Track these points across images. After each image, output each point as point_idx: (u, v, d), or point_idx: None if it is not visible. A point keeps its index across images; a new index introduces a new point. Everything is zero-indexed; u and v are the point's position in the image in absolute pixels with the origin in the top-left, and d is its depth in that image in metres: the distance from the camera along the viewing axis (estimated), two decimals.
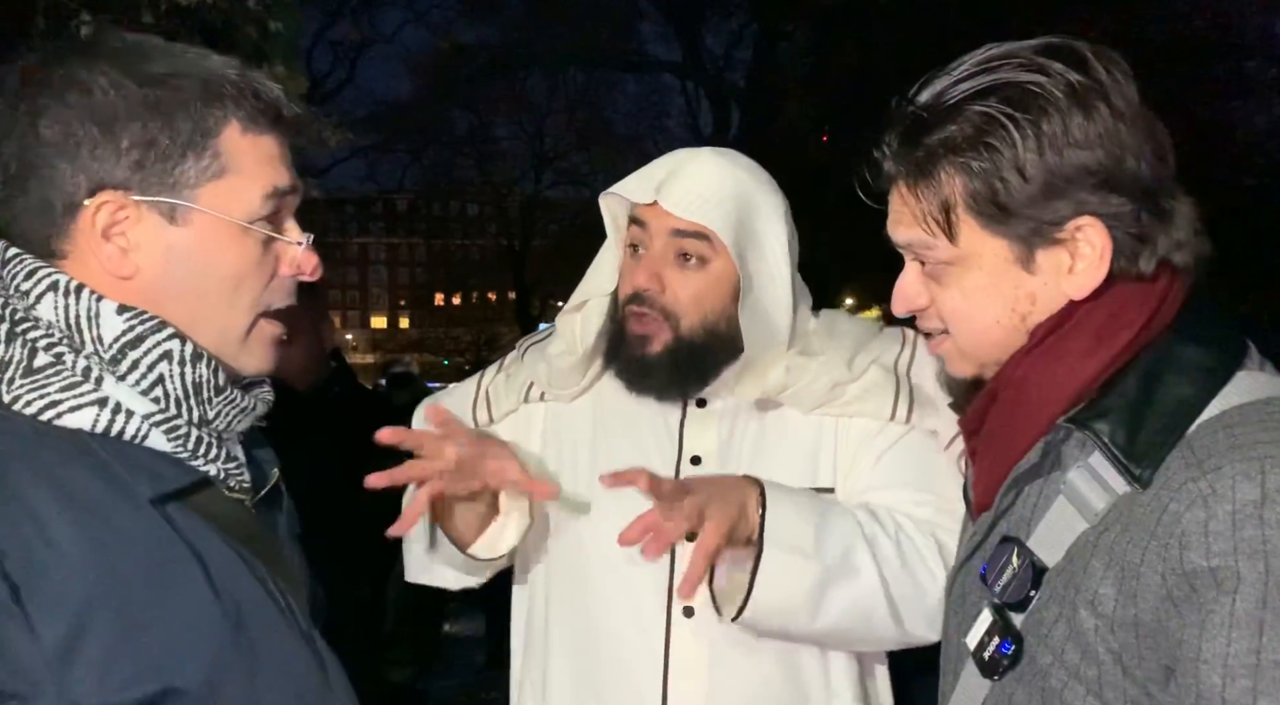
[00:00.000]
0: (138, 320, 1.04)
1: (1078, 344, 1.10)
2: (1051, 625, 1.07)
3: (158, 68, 1.04)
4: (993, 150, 1.08)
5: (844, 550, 1.50)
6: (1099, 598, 1.03)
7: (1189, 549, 0.98)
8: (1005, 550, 1.13)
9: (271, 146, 1.10)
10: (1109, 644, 1.03)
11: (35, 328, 1.02)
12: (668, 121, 21.58)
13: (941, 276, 1.17)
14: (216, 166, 1.06)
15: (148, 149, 1.03)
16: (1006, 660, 1.10)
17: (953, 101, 1.11)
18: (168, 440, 1.05)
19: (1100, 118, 1.07)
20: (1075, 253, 1.10)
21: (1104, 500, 1.06)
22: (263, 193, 1.08)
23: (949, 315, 1.18)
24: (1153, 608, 1.00)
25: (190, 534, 1.03)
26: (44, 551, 0.93)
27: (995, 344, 1.16)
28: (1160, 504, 1.01)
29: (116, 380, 1.03)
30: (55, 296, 1.02)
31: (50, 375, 1.01)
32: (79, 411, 1.01)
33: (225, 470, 1.09)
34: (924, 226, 1.15)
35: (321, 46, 20.27)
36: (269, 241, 1.10)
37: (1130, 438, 1.05)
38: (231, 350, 1.10)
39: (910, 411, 1.63)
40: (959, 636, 1.19)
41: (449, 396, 1.87)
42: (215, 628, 1.02)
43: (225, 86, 1.06)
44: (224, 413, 1.09)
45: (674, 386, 1.65)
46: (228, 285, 1.08)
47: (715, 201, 1.59)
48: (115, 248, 1.04)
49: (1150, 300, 1.10)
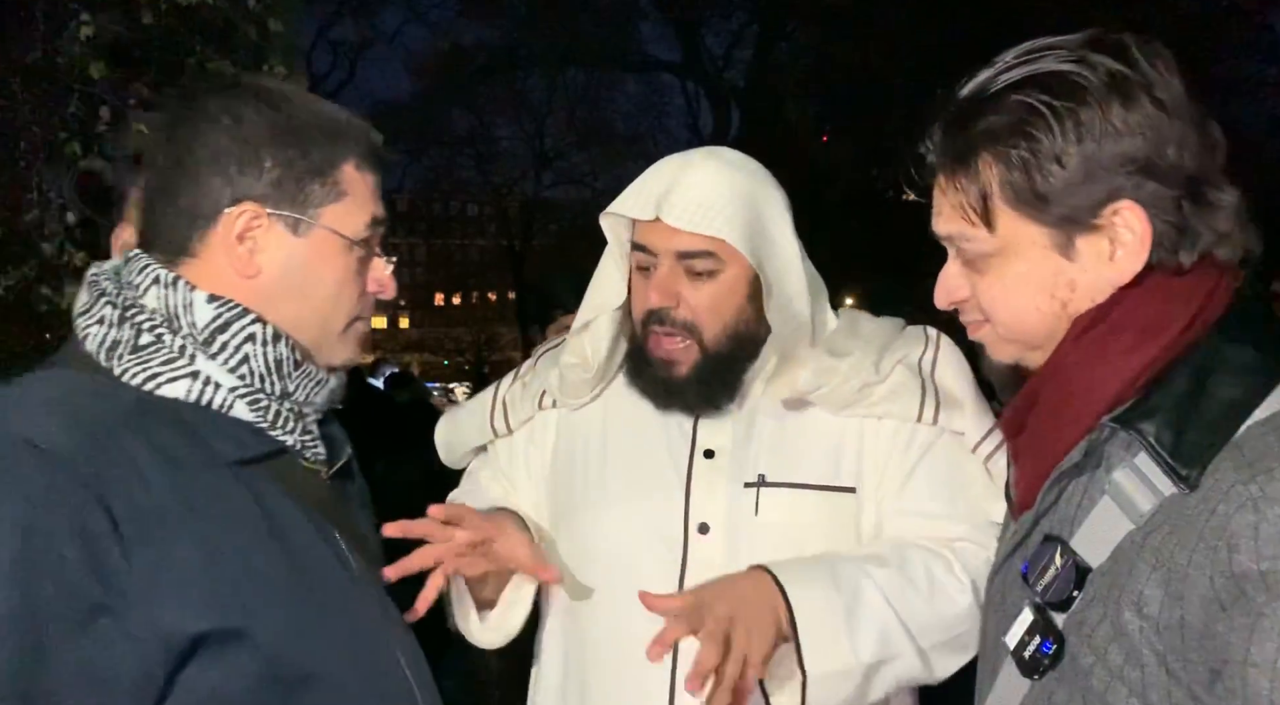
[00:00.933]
0: (225, 308, 1.21)
1: (1121, 341, 1.09)
2: (1095, 626, 1.06)
3: (294, 106, 1.24)
4: (1030, 139, 1.08)
5: (879, 636, 1.49)
6: (1144, 599, 1.02)
7: (1238, 552, 0.96)
8: (1048, 550, 1.12)
9: (374, 183, 1.29)
10: (1154, 646, 1.01)
11: (140, 313, 1.20)
12: (668, 121, 21.60)
13: (982, 267, 1.16)
14: (336, 192, 1.25)
15: (285, 170, 1.22)
16: (1047, 660, 1.09)
17: (992, 92, 1.11)
18: (250, 411, 1.21)
19: (1141, 107, 1.06)
20: (1115, 238, 1.09)
21: (1150, 501, 1.04)
22: (367, 220, 1.27)
23: (989, 304, 1.18)
24: (1199, 610, 0.98)
25: (265, 496, 1.19)
26: (142, 497, 1.08)
27: (1034, 331, 1.15)
28: (1208, 506, 1.00)
29: (208, 358, 1.20)
30: (158, 288, 1.20)
31: (152, 352, 1.19)
32: (175, 383, 1.18)
33: (301, 442, 1.26)
34: (964, 217, 1.14)
35: (321, 46, 20.27)
36: (365, 260, 1.29)
37: (1177, 439, 1.04)
38: (330, 343, 1.28)
39: (937, 413, 1.61)
40: (998, 635, 1.18)
41: (466, 408, 1.88)
42: (280, 578, 1.16)
43: (347, 128, 1.26)
44: (302, 385, 1.26)
45: (702, 402, 1.64)
46: (331, 291, 1.26)
47: (719, 209, 1.56)
48: (246, 250, 1.22)
49: (1195, 296, 1.09)
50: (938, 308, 1.25)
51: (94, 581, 1.04)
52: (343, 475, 1.35)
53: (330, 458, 1.31)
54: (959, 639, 1.53)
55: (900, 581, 1.53)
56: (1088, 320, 1.11)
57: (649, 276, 1.62)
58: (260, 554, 1.15)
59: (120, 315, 1.20)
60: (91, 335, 1.20)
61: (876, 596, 1.50)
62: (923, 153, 1.18)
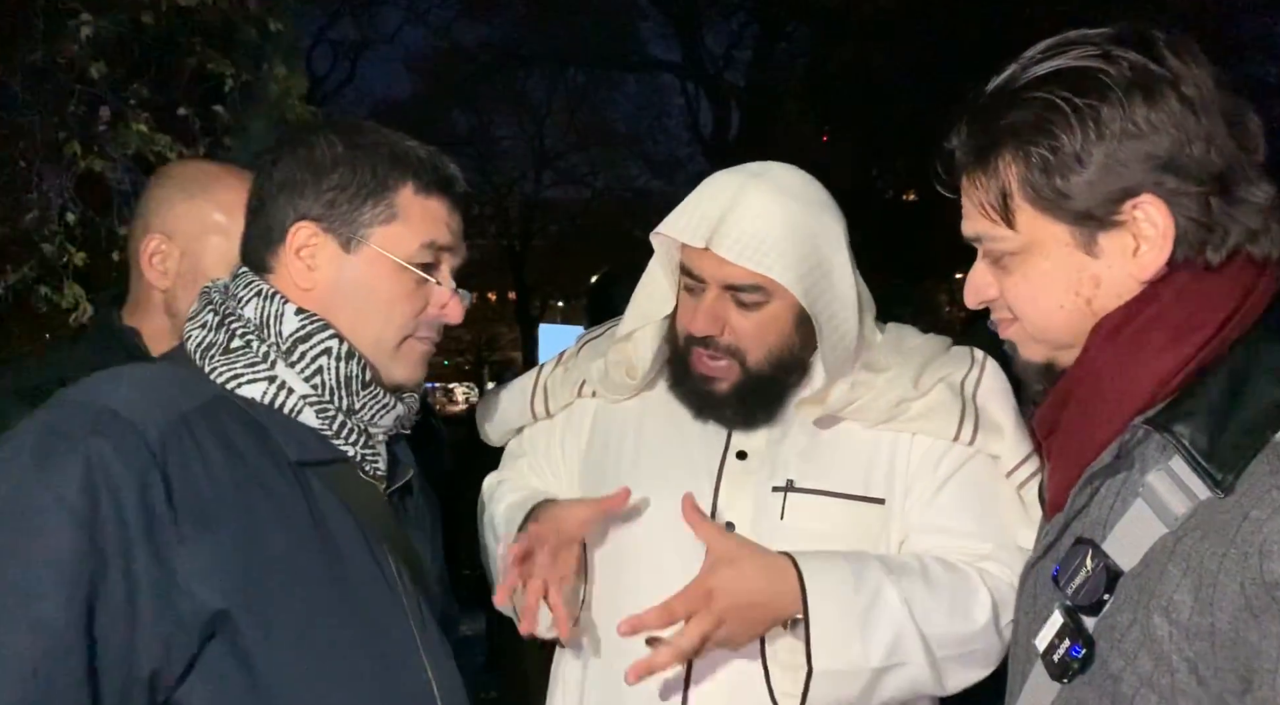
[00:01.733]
0: (309, 321, 1.31)
1: (1154, 340, 1.07)
2: (1125, 630, 1.04)
3: (364, 138, 1.34)
4: (1050, 136, 1.07)
5: (893, 641, 1.49)
6: (1175, 605, 1.00)
7: (1270, 559, 0.95)
8: (1079, 552, 1.10)
9: (439, 210, 1.36)
10: (1184, 652, 1.00)
11: (238, 321, 1.31)
12: (668, 121, 21.52)
13: (1008, 265, 1.15)
14: (388, 214, 1.33)
15: (340, 193, 1.32)
16: (1077, 664, 1.08)
17: (1015, 87, 1.10)
18: (317, 418, 1.30)
19: (1165, 104, 1.05)
20: (1138, 233, 1.07)
21: (1184, 505, 1.02)
22: (421, 242, 1.34)
23: (1016, 302, 1.17)
24: (1230, 617, 0.97)
25: (319, 500, 1.27)
26: (201, 480, 1.17)
27: (1061, 328, 1.14)
28: (1241, 511, 0.98)
29: (287, 366, 1.29)
30: (258, 301, 1.32)
31: (239, 355, 1.29)
32: (254, 384, 1.28)
33: (363, 454, 1.33)
34: (986, 216, 1.13)
35: (321, 46, 20.21)
36: (422, 282, 1.35)
37: (1213, 442, 1.02)
38: (384, 359, 1.35)
39: (975, 434, 1.60)
40: (1028, 638, 1.17)
41: (508, 389, 1.90)
42: (316, 579, 1.22)
43: (410, 157, 1.35)
44: (368, 405, 1.33)
45: (740, 418, 1.65)
46: (382, 307, 1.34)
47: (772, 243, 1.53)
48: (303, 264, 1.32)
49: (1231, 295, 1.07)
50: (968, 307, 1.23)
51: (144, 539, 1.12)
52: (403, 493, 1.43)
53: (391, 475, 1.39)
54: (974, 654, 1.53)
55: (923, 590, 1.52)
56: (1119, 318, 1.09)
57: (696, 297, 1.61)
58: (302, 553, 1.22)
59: (219, 322, 1.32)
60: (193, 337, 1.32)
61: (896, 601, 1.50)
62: (951, 149, 1.16)
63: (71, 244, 5.99)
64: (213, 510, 1.17)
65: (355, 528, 1.29)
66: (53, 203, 6.13)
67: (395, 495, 1.41)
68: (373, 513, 1.32)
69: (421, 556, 1.41)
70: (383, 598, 1.29)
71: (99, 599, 1.10)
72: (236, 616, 1.16)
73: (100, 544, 1.10)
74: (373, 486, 1.35)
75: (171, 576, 1.13)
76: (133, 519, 1.12)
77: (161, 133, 5.91)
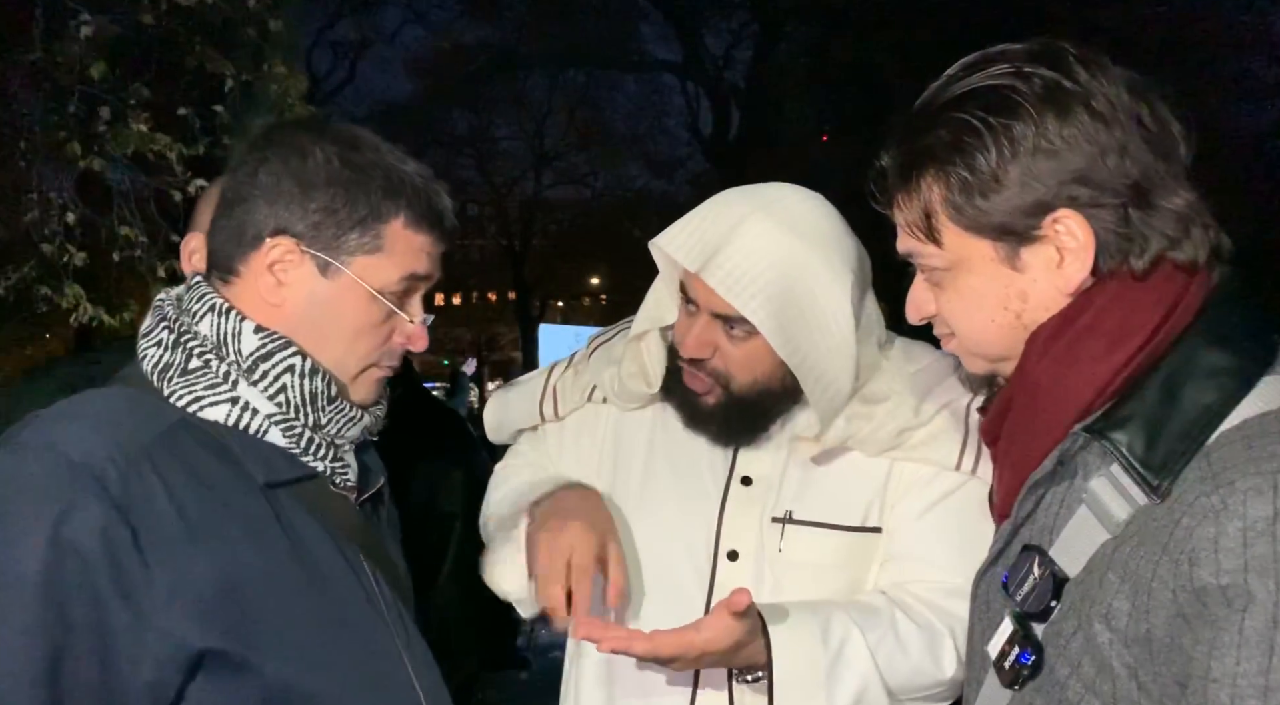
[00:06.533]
0: (269, 339, 1.25)
1: (1089, 349, 1.08)
2: (1069, 637, 1.06)
3: (360, 157, 1.28)
4: (967, 155, 1.09)
5: (857, 694, 1.49)
6: (1113, 612, 1.01)
7: (1199, 566, 0.95)
8: (1027, 559, 1.11)
9: (425, 243, 1.31)
10: (1123, 659, 1.01)
11: (194, 339, 1.26)
12: (668, 121, 21.54)
13: (941, 282, 1.17)
14: (374, 245, 1.27)
15: (327, 215, 1.26)
16: (1027, 670, 1.09)
17: (935, 107, 1.12)
18: (284, 437, 1.26)
19: (1076, 119, 1.06)
20: (1061, 246, 1.09)
21: (1125, 511, 1.03)
22: (401, 274, 1.29)
23: (950, 318, 1.19)
24: (1165, 624, 0.98)
25: (293, 519, 1.24)
26: (168, 515, 1.13)
27: (995, 342, 1.16)
28: (1174, 518, 0.99)
29: (250, 385, 1.24)
30: (213, 316, 1.26)
31: (199, 376, 1.24)
32: (216, 406, 1.23)
33: (332, 469, 1.30)
34: (913, 235, 1.16)
35: (321, 46, 20.23)
36: (392, 314, 1.31)
37: (1149, 448, 1.02)
38: (342, 382, 1.31)
39: (976, 463, 1.57)
40: (981, 645, 1.19)
41: (517, 390, 1.88)
42: (297, 600, 1.20)
43: (406, 187, 1.28)
44: (334, 420, 1.29)
45: (724, 436, 1.64)
46: (347, 335, 1.29)
47: (753, 279, 1.50)
48: (274, 279, 1.26)
49: (1162, 301, 1.08)
50: (911, 323, 1.26)
51: (114, 593, 1.09)
52: (374, 503, 1.40)
53: (362, 484, 1.36)
54: (936, 695, 1.55)
55: (891, 644, 1.51)
56: (1053, 328, 1.11)
57: (690, 318, 1.61)
58: (280, 576, 1.20)
59: (175, 339, 1.26)
60: (149, 357, 1.26)
61: (863, 655, 1.49)
62: (882, 167, 1.18)
63: (71, 244, 6.00)
64: (182, 546, 1.13)
65: (331, 543, 1.26)
66: (53, 203, 6.14)
67: (369, 504, 1.38)
68: (347, 526, 1.30)
69: (397, 563, 1.40)
70: (365, 611, 1.27)
71: (70, 671, 1.07)
72: (220, 647, 1.13)
73: (68, 613, 1.07)
74: (344, 499, 1.32)
75: (146, 622, 1.10)
76: (101, 580, 1.08)
77: (161, 133, 5.92)
